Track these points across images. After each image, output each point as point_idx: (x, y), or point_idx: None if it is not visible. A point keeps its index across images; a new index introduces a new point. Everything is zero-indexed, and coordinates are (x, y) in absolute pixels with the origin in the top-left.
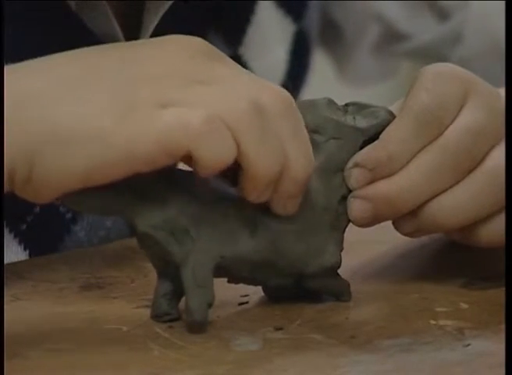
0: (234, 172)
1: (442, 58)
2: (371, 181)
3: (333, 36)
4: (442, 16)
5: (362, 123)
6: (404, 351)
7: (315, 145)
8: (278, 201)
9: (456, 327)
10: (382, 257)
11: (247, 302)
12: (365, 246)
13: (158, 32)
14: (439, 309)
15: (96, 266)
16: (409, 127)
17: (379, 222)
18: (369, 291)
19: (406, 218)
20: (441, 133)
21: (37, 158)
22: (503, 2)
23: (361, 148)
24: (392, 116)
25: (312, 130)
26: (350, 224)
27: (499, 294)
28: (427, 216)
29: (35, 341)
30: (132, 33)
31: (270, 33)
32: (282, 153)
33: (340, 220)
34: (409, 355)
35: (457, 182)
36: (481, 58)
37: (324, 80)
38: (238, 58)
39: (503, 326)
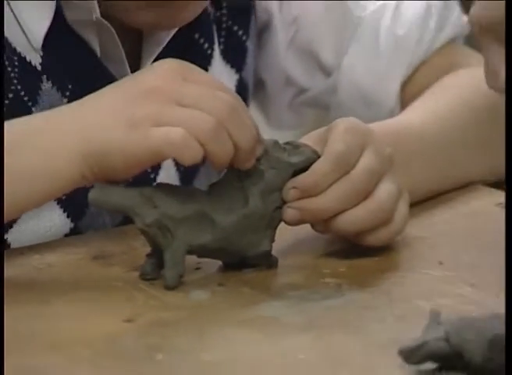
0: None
1: (327, 104)
2: (301, 198)
3: (261, 91)
4: (327, 73)
5: (294, 159)
6: (303, 299)
7: (261, 172)
8: (240, 161)
9: (336, 283)
10: (298, 241)
11: (200, 268)
12: (288, 231)
13: None
14: (325, 271)
15: (102, 244)
16: (329, 166)
17: (303, 223)
18: (287, 261)
19: (321, 223)
20: (349, 171)
21: (94, 165)
22: (369, 63)
23: (292, 175)
24: (315, 154)
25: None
26: None
27: (368, 262)
28: (335, 224)
29: (59, 292)
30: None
31: (221, 80)
32: (231, 145)
33: (274, 222)
34: (306, 301)
35: (357, 204)
36: (350, 103)
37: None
38: None
39: (368, 282)
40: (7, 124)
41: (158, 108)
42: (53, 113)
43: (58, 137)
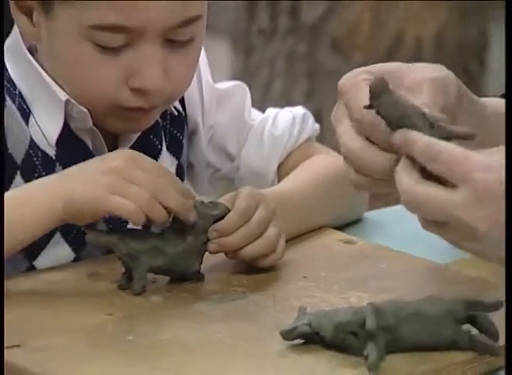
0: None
1: (232, 178)
2: (219, 237)
3: (191, 171)
4: (232, 159)
5: (214, 212)
6: (221, 300)
7: (194, 222)
8: (181, 217)
9: (242, 290)
10: (216, 263)
11: (156, 281)
12: (211, 257)
13: None
14: (234, 282)
15: (93, 266)
16: (236, 217)
17: (220, 253)
18: (211, 276)
19: (231, 253)
20: (249, 220)
21: (69, 212)
22: (257, 152)
23: (213, 222)
24: (227, 209)
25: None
26: None
27: (261, 277)
28: (240, 254)
29: (65, 297)
30: None
31: (165, 165)
32: (163, 211)
33: (202, 252)
34: (222, 302)
35: (253, 241)
36: (246, 177)
37: None
38: None
39: (261, 289)
40: (14, 190)
41: (115, 181)
42: (42, 179)
43: (45, 193)
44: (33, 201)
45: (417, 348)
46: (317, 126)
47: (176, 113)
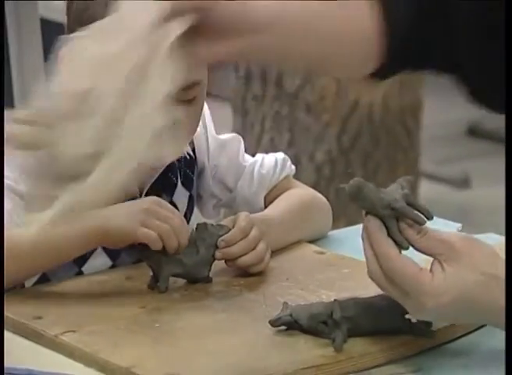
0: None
1: (231, 206)
2: (226, 247)
3: (199, 201)
4: (230, 191)
5: (220, 231)
6: (223, 296)
7: (204, 239)
8: (180, 247)
9: (239, 289)
10: (220, 269)
11: (176, 282)
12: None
13: None
14: (234, 283)
15: (129, 271)
16: (238, 232)
17: (224, 259)
18: (217, 279)
19: (231, 262)
20: (247, 236)
21: (103, 240)
22: (248, 185)
23: (219, 237)
24: (229, 229)
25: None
26: None
27: (253, 279)
28: (237, 262)
29: (107, 294)
30: None
31: (180, 196)
32: (176, 242)
33: (210, 261)
34: (225, 298)
35: (248, 253)
36: (241, 205)
37: (197, 216)
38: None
39: (254, 288)
40: None
41: (145, 218)
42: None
43: (86, 226)
44: (75, 229)
45: (371, 333)
46: (293, 167)
47: (188, 157)
